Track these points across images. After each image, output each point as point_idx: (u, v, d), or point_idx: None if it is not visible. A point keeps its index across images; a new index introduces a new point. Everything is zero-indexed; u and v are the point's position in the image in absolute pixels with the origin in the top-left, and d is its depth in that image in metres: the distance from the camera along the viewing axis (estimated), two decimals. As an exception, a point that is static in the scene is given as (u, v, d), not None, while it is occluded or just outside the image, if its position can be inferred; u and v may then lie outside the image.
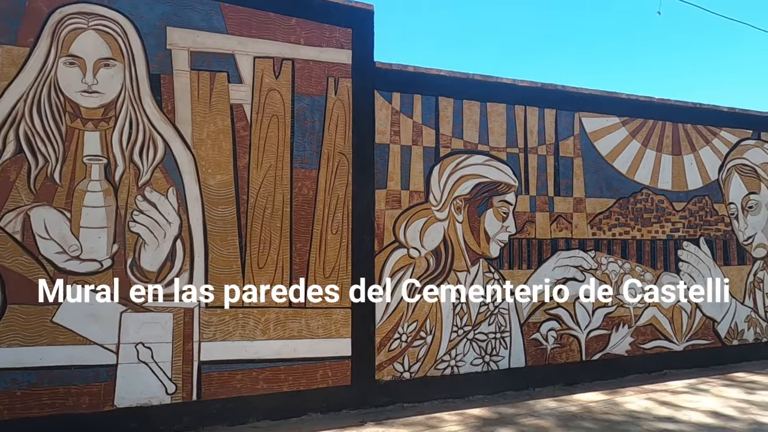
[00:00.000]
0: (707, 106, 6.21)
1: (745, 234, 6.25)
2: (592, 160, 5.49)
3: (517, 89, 5.21)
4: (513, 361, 4.97)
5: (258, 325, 4.10)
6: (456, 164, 4.88)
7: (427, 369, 4.64)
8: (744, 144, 6.37)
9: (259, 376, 4.08)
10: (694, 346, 5.84)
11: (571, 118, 5.42)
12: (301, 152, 4.31)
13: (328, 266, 4.33)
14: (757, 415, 4.15)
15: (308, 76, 4.36)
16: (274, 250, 4.17)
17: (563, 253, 5.24)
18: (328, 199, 4.36)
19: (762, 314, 6.28)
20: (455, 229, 4.81)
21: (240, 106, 4.14)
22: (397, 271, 4.58)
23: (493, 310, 4.91)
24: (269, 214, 4.17)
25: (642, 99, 5.81)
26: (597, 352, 5.34)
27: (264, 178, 4.18)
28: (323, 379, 4.26)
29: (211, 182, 4.02)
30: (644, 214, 5.71)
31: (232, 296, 4.02)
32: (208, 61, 4.06)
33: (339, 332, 4.32)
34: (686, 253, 5.89)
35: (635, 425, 3.94)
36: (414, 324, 4.61)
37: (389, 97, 4.69)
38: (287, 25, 4.32)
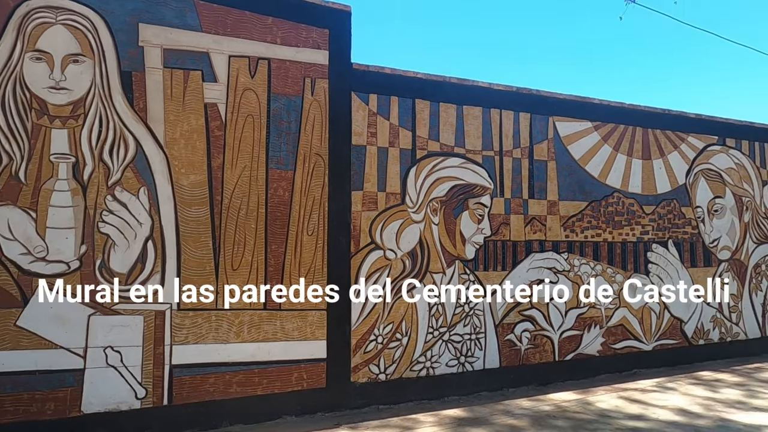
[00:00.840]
0: (675, 112, 6.39)
1: (710, 236, 6.45)
2: (566, 163, 5.59)
3: (492, 93, 5.27)
4: (488, 361, 5.01)
5: (232, 328, 4.04)
6: (432, 166, 4.91)
7: (403, 370, 4.64)
8: (710, 149, 6.57)
9: (232, 379, 4.02)
10: (663, 346, 5.99)
11: (545, 122, 5.51)
12: (276, 153, 4.27)
13: (304, 268, 4.29)
14: (722, 412, 4.28)
15: (284, 76, 4.32)
16: (249, 251, 4.12)
17: (537, 255, 5.32)
18: (304, 201, 4.33)
19: (726, 315, 6.48)
20: (431, 230, 4.84)
21: (214, 106, 4.08)
22: (373, 273, 4.57)
23: (468, 311, 4.94)
24: (244, 215, 4.12)
25: (613, 104, 5.95)
26: (570, 352, 5.42)
27: (239, 179, 4.13)
28: (298, 382, 4.22)
29: (184, 182, 3.95)
30: (615, 216, 5.84)
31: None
32: (181, 59, 3.99)
33: (314, 334, 4.29)
34: (655, 255, 6.04)
35: (606, 423, 4.02)
36: (390, 326, 4.61)
37: (366, 99, 4.69)
38: (263, 24, 4.27)
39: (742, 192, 6.75)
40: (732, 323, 6.51)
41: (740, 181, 6.76)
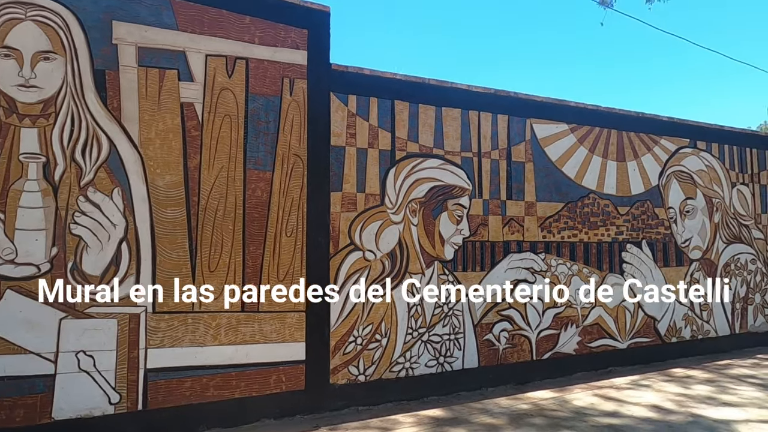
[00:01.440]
0: (649, 115, 6.53)
1: (682, 237, 6.61)
2: (543, 165, 5.66)
3: (471, 95, 5.31)
4: (467, 361, 5.04)
5: (209, 330, 3.98)
6: (411, 167, 4.92)
7: (382, 372, 4.64)
8: (682, 152, 6.74)
9: (209, 382, 3.96)
10: (637, 344, 6.11)
11: (522, 124, 5.58)
12: (254, 153, 4.23)
13: (282, 269, 4.26)
14: (693, 408, 4.39)
15: (263, 76, 4.29)
16: (226, 253, 4.07)
17: (515, 256, 5.38)
18: (283, 201, 4.30)
19: (698, 312, 6.65)
20: (410, 231, 4.85)
21: (191, 105, 4.03)
22: (352, 274, 4.56)
23: (447, 311, 4.97)
24: (221, 216, 4.07)
25: (589, 107, 6.05)
26: (547, 351, 5.50)
27: (216, 179, 4.08)
28: (276, 385, 4.18)
29: (159, 183, 3.88)
30: (591, 217, 5.94)
31: (181, 301, 3.89)
32: (157, 58, 3.92)
33: (293, 336, 4.26)
34: (629, 255, 6.16)
35: (582, 421, 4.08)
36: (369, 327, 4.61)
37: (345, 100, 4.68)
38: (241, 23, 4.23)
39: (712, 193, 6.93)
40: (703, 321, 6.68)
41: (710, 182, 6.95)
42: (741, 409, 4.35)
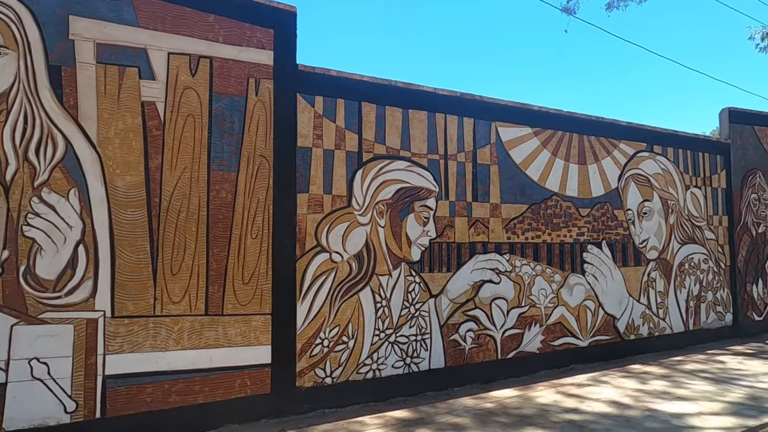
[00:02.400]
0: (608, 120, 6.75)
1: (640, 237, 6.85)
2: (507, 167, 5.77)
3: (438, 97, 5.37)
4: (433, 362, 5.09)
5: (171, 335, 3.89)
6: (378, 169, 4.94)
7: (349, 373, 4.63)
8: (639, 155, 6.99)
9: (171, 388, 3.87)
10: (598, 342, 6.30)
11: (488, 127, 5.68)
12: (219, 154, 4.16)
13: (248, 272, 4.20)
14: (650, 403, 4.55)
15: (227, 76, 4.22)
16: (189, 255, 3.99)
17: (480, 257, 5.46)
18: (248, 203, 4.24)
19: (654, 311, 6.90)
20: (377, 233, 4.86)
21: (152, 104, 3.93)
22: (319, 276, 4.54)
23: (414, 312, 5.00)
24: (184, 217, 3.98)
25: (552, 111, 6.21)
26: (511, 350, 5.60)
27: (178, 180, 3.99)
28: (241, 389, 4.12)
29: (119, 183, 3.77)
30: (554, 219, 6.09)
31: (142, 305, 3.79)
32: (116, 55, 3.81)
33: (258, 339, 4.21)
34: (590, 255, 6.35)
35: (544, 418, 4.17)
36: (336, 329, 4.59)
37: (312, 101, 4.66)
38: (205, 21, 4.16)
39: (667, 196, 7.21)
40: (659, 319, 6.94)
41: (666, 185, 7.23)
42: (694, 403, 4.53)
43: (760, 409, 4.37)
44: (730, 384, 5.16)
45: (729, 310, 7.77)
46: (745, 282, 8.01)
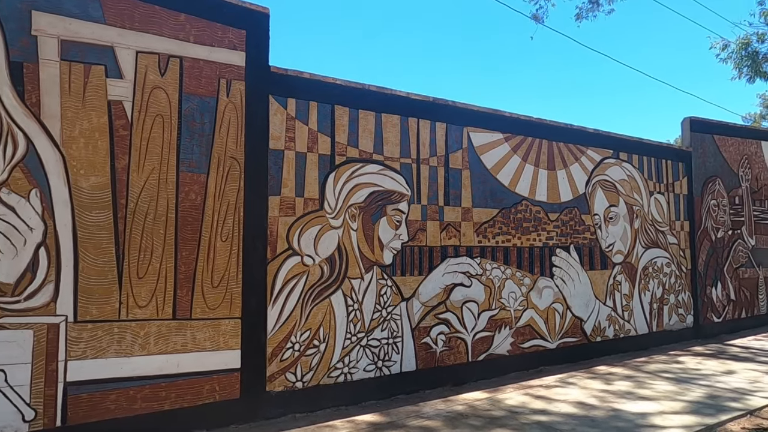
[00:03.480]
0: (577, 127, 6.91)
1: (606, 242, 7.03)
2: (479, 172, 5.85)
3: (411, 102, 5.41)
4: (405, 365, 5.10)
5: (137, 340, 3.80)
6: (351, 172, 4.94)
7: (321, 377, 4.60)
8: (606, 162, 7.18)
9: (137, 395, 3.77)
10: (565, 344, 6.43)
11: (460, 132, 5.74)
12: (188, 155, 4.09)
13: (217, 275, 4.14)
14: (614, 403, 4.67)
15: (198, 76, 4.16)
16: (157, 258, 3.90)
17: (452, 260, 5.51)
18: (218, 205, 4.18)
19: (620, 313, 7.09)
20: (350, 236, 4.86)
21: (119, 103, 3.84)
22: (290, 279, 4.50)
23: (386, 316, 5.01)
24: (151, 219, 3.90)
25: (522, 118, 6.32)
26: (482, 352, 5.67)
27: (146, 182, 3.90)
28: (210, 394, 4.05)
29: (83, 184, 3.67)
30: (524, 223, 6.19)
31: (106, 309, 3.69)
32: (82, 52, 3.71)
33: (228, 344, 4.15)
34: (559, 259, 6.48)
35: (513, 419, 4.23)
36: (307, 332, 4.56)
37: (284, 103, 4.63)
38: (175, 20, 4.09)
39: (632, 201, 7.43)
40: (624, 321, 7.13)
41: (631, 191, 7.44)
42: (656, 402, 4.67)
43: (717, 407, 4.53)
44: (690, 384, 5.34)
45: (690, 312, 8.05)
46: (705, 285, 8.31)
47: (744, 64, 12.85)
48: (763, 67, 12.65)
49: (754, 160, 9.55)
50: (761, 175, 9.68)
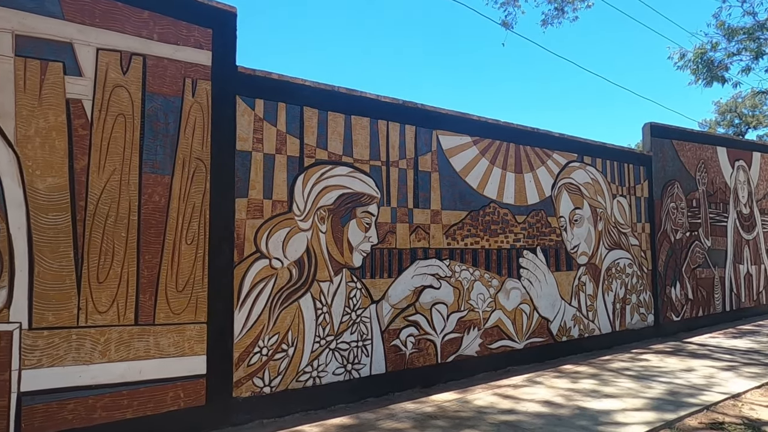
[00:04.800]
0: (543, 131, 7.06)
1: (571, 243, 7.19)
2: (448, 175, 5.90)
3: (380, 104, 5.42)
4: (374, 367, 5.09)
5: (96, 347, 3.67)
6: (320, 175, 4.90)
7: (289, 382, 4.55)
8: (571, 165, 7.35)
9: (96, 404, 3.64)
10: (533, 344, 6.54)
11: (429, 135, 5.78)
12: (152, 156, 3.98)
13: (182, 279, 4.04)
14: (580, 401, 4.77)
15: (162, 75, 4.06)
16: (118, 262, 3.78)
17: (421, 262, 5.54)
18: (183, 207, 4.08)
19: (584, 313, 7.26)
20: (319, 239, 4.82)
21: (78, 102, 3.71)
22: (258, 283, 4.43)
23: (355, 318, 4.99)
24: (112, 222, 3.78)
25: (490, 121, 6.41)
26: (451, 354, 5.70)
27: (107, 183, 3.78)
28: (174, 402, 3.94)
29: (39, 186, 3.52)
30: (492, 225, 6.28)
31: (63, 315, 3.55)
32: (38, 48, 3.57)
33: (193, 349, 4.05)
34: (526, 260, 6.59)
35: (481, 419, 4.28)
36: (275, 336, 4.50)
37: (252, 104, 4.56)
38: (138, 17, 3.98)
39: (596, 204, 7.63)
40: (589, 321, 7.30)
41: (595, 194, 7.64)
42: (619, 400, 4.80)
43: (677, 403, 4.69)
44: (651, 381, 5.51)
45: (651, 311, 8.31)
46: (665, 285, 8.60)
47: (701, 71, 13.39)
48: (718, 73, 13.21)
49: (710, 164, 9.95)
50: (716, 179, 10.09)
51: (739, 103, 31.93)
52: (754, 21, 12.50)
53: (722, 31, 12.75)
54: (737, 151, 10.81)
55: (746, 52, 12.82)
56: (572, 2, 12.73)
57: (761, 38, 12.58)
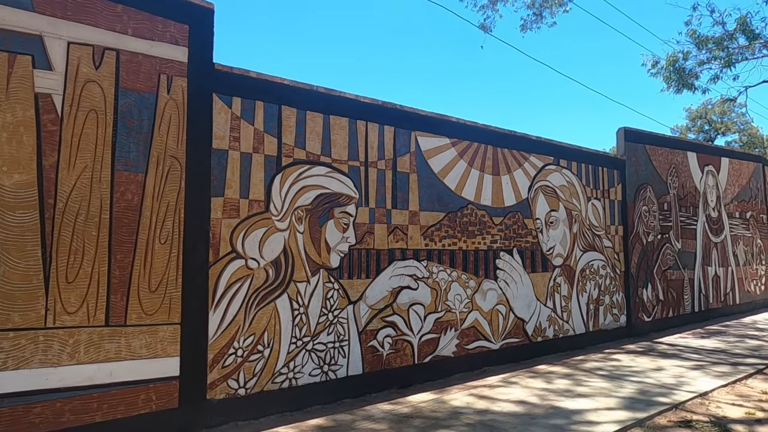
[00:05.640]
0: (520, 134, 7.14)
1: (547, 245, 7.30)
2: (426, 176, 5.92)
3: (359, 105, 5.41)
4: (351, 368, 5.07)
5: (65, 349, 3.57)
6: (298, 174, 4.87)
7: (264, 383, 4.50)
8: (547, 168, 7.46)
9: (64, 407, 3.54)
10: (508, 344, 6.61)
11: (408, 136, 5.80)
12: (125, 153, 3.89)
13: (155, 279, 3.96)
14: (554, 401, 4.84)
15: (136, 71, 3.98)
16: (88, 262, 3.69)
17: (399, 263, 5.54)
18: (157, 206, 4.00)
19: (559, 314, 7.37)
20: (296, 239, 4.78)
21: (48, 97, 3.61)
22: (233, 283, 4.38)
23: (332, 319, 4.97)
24: (83, 220, 3.68)
25: (468, 123, 6.46)
26: (428, 354, 5.72)
27: (77, 180, 3.68)
28: (146, 404, 3.86)
29: (6, 182, 3.41)
30: (469, 227, 6.32)
31: (30, 316, 3.44)
32: (6, 40, 3.46)
33: (166, 351, 3.97)
34: (503, 262, 6.66)
35: (457, 419, 4.30)
36: (251, 337, 4.45)
37: (229, 102, 4.50)
38: (112, 11, 3.89)
39: (572, 206, 7.76)
40: (563, 321, 7.41)
41: (570, 197, 7.77)
42: (592, 399, 4.88)
43: (647, 402, 4.79)
44: (623, 380, 5.62)
45: (623, 312, 8.48)
46: (637, 286, 8.79)
47: (672, 78, 13.75)
48: (689, 80, 13.58)
49: (680, 169, 10.22)
50: (687, 183, 10.36)
51: (709, 110, 32.86)
52: (723, 31, 12.90)
53: (693, 40, 13.12)
54: (707, 156, 11.13)
55: (715, 61, 13.22)
56: (550, 7, 12.94)
57: (730, 48, 12.98)
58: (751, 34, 12.43)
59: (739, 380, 5.68)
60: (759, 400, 4.96)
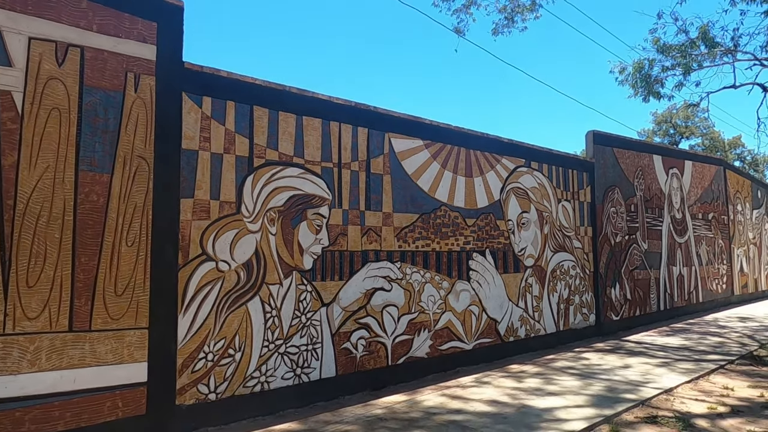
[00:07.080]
0: (492, 136, 7.23)
1: (519, 246, 7.40)
2: (400, 177, 5.94)
3: (332, 106, 5.38)
4: (324, 371, 5.04)
5: (25, 356, 3.43)
6: (270, 175, 4.81)
7: (236, 388, 4.42)
8: (519, 170, 7.57)
9: (24, 416, 3.40)
10: (481, 344, 6.67)
11: (381, 137, 5.80)
12: (90, 153, 3.78)
13: (122, 282, 3.85)
14: (525, 400, 4.90)
15: (101, 68, 3.86)
16: (51, 265, 3.56)
17: (372, 265, 5.54)
18: (123, 207, 3.89)
19: (531, 314, 7.48)
20: (268, 241, 4.72)
21: (8, 94, 3.47)
22: (204, 286, 4.29)
23: (305, 322, 4.92)
24: (45, 222, 3.55)
25: (442, 125, 6.51)
26: (402, 356, 5.73)
27: (39, 181, 3.55)
28: (112, 411, 3.75)
29: (-39, 182, 3.27)
30: (442, 228, 6.36)
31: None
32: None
33: (133, 356, 3.87)
34: (475, 263, 6.72)
35: (430, 420, 4.31)
36: (222, 341, 4.37)
37: (199, 101, 4.42)
38: (76, 7, 3.78)
39: (542, 208, 7.89)
40: (535, 321, 7.53)
41: (541, 198, 7.90)
42: (562, 397, 4.97)
43: (615, 399, 4.90)
44: (592, 378, 5.74)
45: (593, 311, 8.67)
46: (606, 286, 9.00)
47: (639, 86, 14.14)
48: (654, 87, 13.99)
49: (647, 171, 10.51)
50: (653, 186, 10.67)
51: (673, 114, 33.94)
52: (687, 38, 13.34)
53: (657, 48, 13.52)
54: (671, 159, 11.48)
55: (679, 67, 13.66)
56: (521, 12, 13.15)
57: (692, 54, 13.43)
58: (711, 42, 12.90)
59: (702, 376, 5.87)
60: (720, 395, 5.13)
